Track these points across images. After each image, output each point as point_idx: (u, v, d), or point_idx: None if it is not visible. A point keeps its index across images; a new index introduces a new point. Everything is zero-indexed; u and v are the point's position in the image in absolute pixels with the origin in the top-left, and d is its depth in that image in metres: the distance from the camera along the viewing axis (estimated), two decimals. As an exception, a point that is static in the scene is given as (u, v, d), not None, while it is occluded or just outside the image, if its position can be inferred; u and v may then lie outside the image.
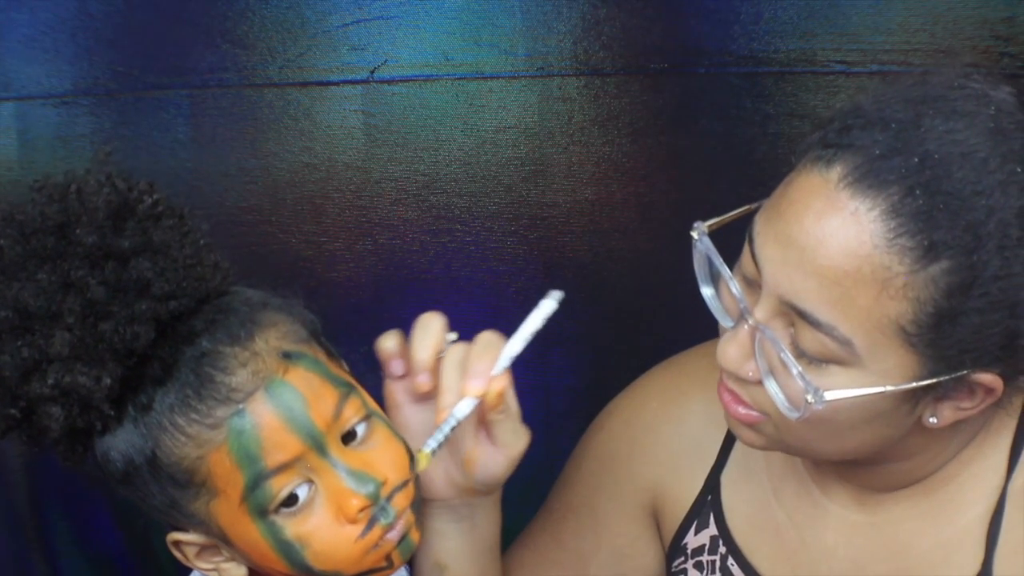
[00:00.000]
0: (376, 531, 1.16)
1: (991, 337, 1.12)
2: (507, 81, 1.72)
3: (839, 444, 1.20)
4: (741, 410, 1.22)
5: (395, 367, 1.25)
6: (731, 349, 1.19)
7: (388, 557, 1.18)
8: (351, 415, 1.18)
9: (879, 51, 1.65)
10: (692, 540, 1.39)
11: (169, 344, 1.14)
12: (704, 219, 1.23)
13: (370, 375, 1.27)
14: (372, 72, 1.71)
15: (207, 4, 1.69)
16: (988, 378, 1.15)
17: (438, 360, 1.22)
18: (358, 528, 1.16)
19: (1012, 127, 1.13)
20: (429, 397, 1.24)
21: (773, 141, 1.17)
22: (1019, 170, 1.11)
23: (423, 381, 1.22)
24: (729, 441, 1.38)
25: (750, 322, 1.17)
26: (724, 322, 1.22)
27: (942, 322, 1.11)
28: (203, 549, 1.20)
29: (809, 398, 1.13)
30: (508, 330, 1.24)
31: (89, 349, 1.11)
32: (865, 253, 1.10)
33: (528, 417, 1.26)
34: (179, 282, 1.14)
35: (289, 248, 1.73)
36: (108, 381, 1.11)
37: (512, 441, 1.24)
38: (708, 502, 1.38)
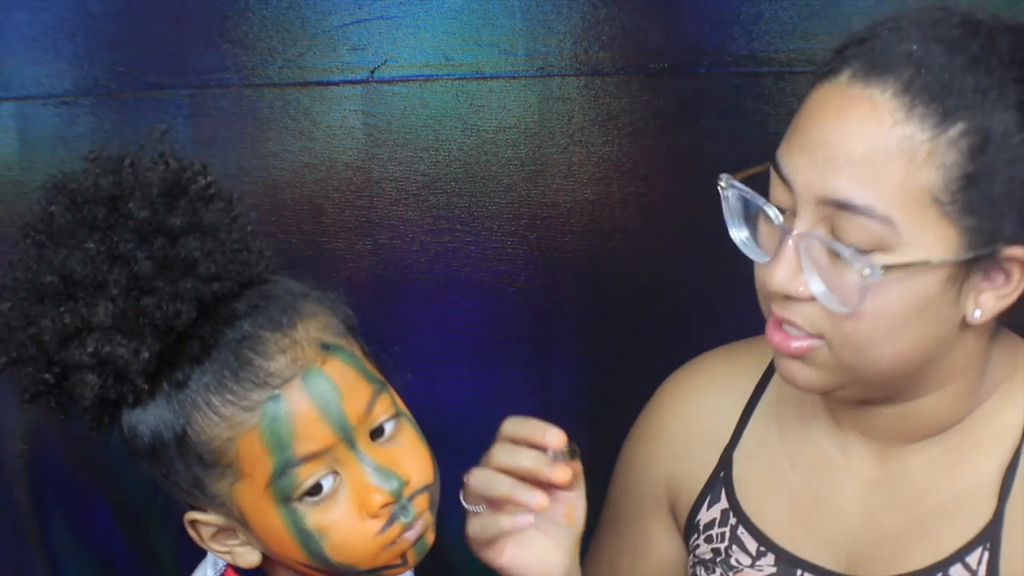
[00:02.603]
0: (395, 528, 1.17)
1: (1021, 199, 1.17)
2: (507, 81, 1.72)
3: (893, 345, 1.21)
4: (794, 344, 1.23)
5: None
6: (778, 272, 1.20)
7: (403, 555, 1.19)
8: (381, 412, 1.18)
9: (879, 51, 1.65)
10: (704, 515, 1.40)
11: (210, 324, 1.14)
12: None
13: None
14: (372, 72, 1.71)
15: (207, 4, 1.70)
16: (1021, 252, 1.19)
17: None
18: (378, 523, 1.16)
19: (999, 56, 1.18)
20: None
21: (773, 141, 1.17)
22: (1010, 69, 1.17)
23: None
24: (742, 423, 1.40)
25: (793, 234, 1.19)
26: (761, 259, 1.23)
27: (970, 186, 1.15)
28: (220, 531, 1.20)
29: (866, 272, 1.16)
30: (507, 330, 1.23)
31: (130, 322, 1.11)
32: (888, 127, 1.15)
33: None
34: (225, 264, 1.15)
35: (289, 248, 1.73)
36: (146, 355, 1.12)
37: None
38: (720, 478, 1.40)
